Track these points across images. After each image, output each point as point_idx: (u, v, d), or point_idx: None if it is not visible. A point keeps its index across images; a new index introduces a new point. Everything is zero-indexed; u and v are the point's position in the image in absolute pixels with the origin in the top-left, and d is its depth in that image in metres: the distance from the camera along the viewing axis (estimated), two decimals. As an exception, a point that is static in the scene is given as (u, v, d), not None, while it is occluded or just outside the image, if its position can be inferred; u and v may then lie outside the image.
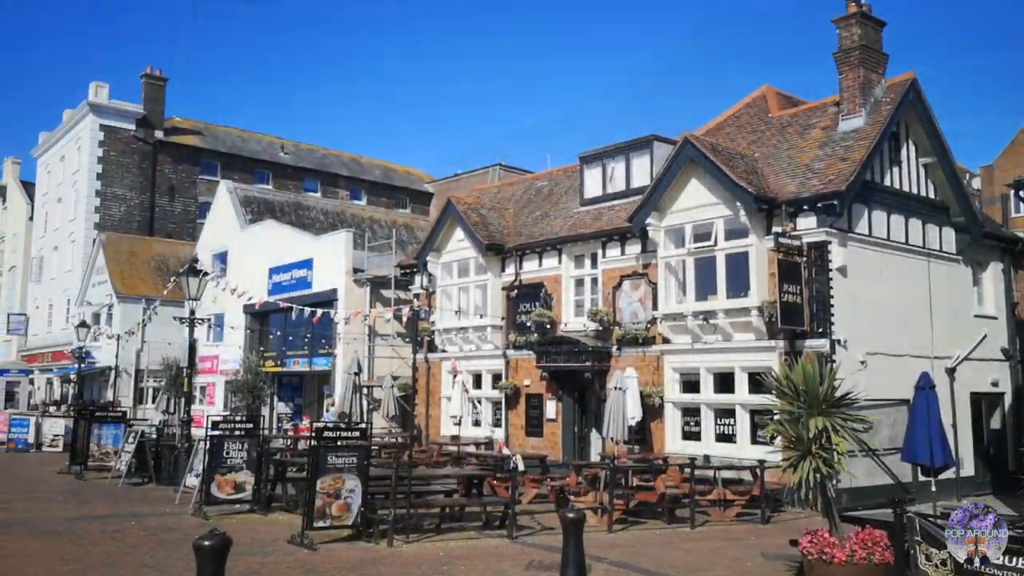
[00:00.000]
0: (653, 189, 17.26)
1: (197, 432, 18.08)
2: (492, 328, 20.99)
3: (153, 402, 32.17)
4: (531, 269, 20.70)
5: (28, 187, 51.63)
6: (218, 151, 44.73)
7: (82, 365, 30.92)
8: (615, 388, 16.57)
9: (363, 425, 12.68)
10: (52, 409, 36.00)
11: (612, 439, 16.68)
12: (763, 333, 15.68)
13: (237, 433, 14.00)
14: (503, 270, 21.33)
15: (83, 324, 31.77)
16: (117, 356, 32.59)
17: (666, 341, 17.27)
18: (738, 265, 16.04)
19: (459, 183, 37.66)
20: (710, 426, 16.57)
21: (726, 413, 16.43)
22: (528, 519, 13.16)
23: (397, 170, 53.51)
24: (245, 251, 30.51)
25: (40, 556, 10.10)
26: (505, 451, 16.46)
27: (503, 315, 21.03)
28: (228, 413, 22.61)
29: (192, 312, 17.60)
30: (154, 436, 19.68)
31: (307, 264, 27.08)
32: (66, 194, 44.39)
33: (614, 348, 18.25)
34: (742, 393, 16.03)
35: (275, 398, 28.73)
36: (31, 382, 45.81)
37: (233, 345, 29.41)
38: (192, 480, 14.78)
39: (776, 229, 15.53)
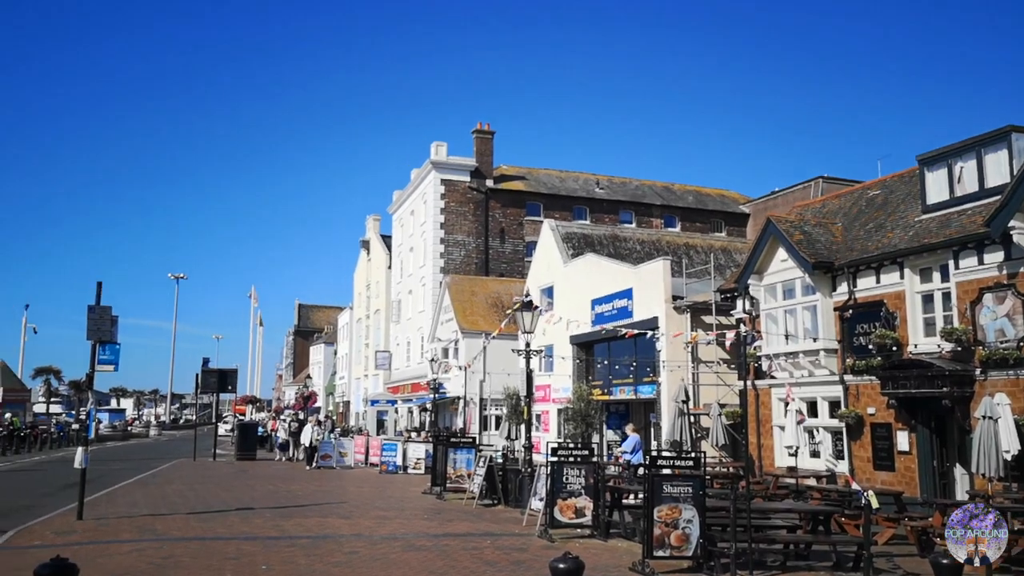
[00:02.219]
0: (1016, 186, 14.99)
1: (537, 458, 19.28)
2: (825, 352, 19.61)
3: (496, 429, 34.93)
4: (867, 286, 19.04)
5: (386, 240, 60.15)
6: (540, 193, 48.00)
7: (436, 395, 34.74)
8: (983, 417, 14.52)
9: (695, 454, 12.55)
10: (413, 435, 40.71)
11: (983, 475, 14.59)
12: None
13: (574, 460, 14.67)
14: (834, 289, 19.89)
15: (434, 359, 35.78)
16: (465, 386, 36.07)
17: (1046, 361, 14.77)
18: None
19: (777, 201, 36.10)
20: (1116, 463, 13.77)
21: None
22: (884, 562, 11.98)
23: (710, 194, 52.82)
24: (569, 284, 32.12)
25: (416, 569, 11.41)
26: (853, 486, 15.16)
27: (837, 338, 19.56)
28: (563, 440, 23.79)
29: (528, 344, 18.89)
30: (500, 461, 21.31)
31: (627, 294, 27.70)
32: (416, 243, 50.63)
33: (977, 371, 16.02)
34: None
35: (604, 426, 29.61)
36: (396, 411, 52.52)
37: (563, 375, 30.96)
38: (536, 503, 15.72)
39: None
